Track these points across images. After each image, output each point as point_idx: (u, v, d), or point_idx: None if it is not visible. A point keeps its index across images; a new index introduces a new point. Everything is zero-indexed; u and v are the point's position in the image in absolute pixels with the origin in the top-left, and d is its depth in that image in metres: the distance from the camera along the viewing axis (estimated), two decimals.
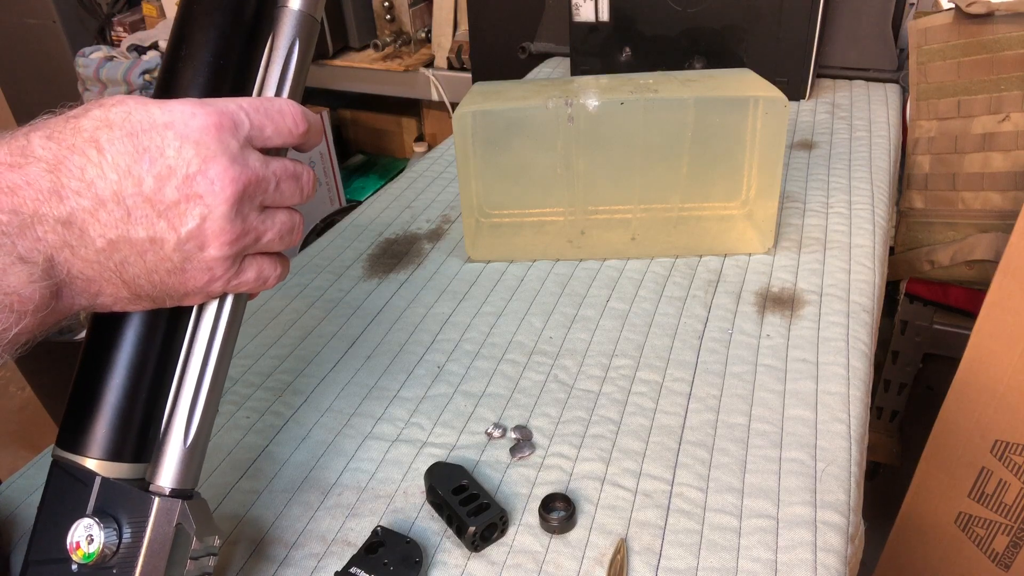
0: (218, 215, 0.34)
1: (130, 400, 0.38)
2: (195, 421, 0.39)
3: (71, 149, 0.32)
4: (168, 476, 0.38)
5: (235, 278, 0.38)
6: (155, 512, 0.37)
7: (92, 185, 0.32)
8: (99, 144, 0.32)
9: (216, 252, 0.35)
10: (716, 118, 0.74)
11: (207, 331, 0.39)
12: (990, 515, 0.96)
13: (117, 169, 0.32)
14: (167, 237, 0.34)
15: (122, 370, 0.38)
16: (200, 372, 0.39)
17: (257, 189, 0.36)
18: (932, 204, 1.15)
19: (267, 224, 0.37)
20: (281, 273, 0.40)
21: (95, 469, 0.37)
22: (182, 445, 0.39)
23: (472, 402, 0.64)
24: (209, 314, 0.39)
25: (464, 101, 0.75)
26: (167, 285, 0.36)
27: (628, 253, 0.82)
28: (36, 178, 0.31)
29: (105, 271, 0.34)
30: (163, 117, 0.33)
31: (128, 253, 0.34)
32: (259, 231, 0.37)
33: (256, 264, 0.38)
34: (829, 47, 1.21)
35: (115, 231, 0.33)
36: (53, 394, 1.51)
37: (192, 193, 0.33)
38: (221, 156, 0.34)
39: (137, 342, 0.38)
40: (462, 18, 1.75)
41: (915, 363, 1.32)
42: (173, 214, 0.34)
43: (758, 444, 0.58)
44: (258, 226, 0.37)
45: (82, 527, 0.36)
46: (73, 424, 0.38)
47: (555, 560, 0.50)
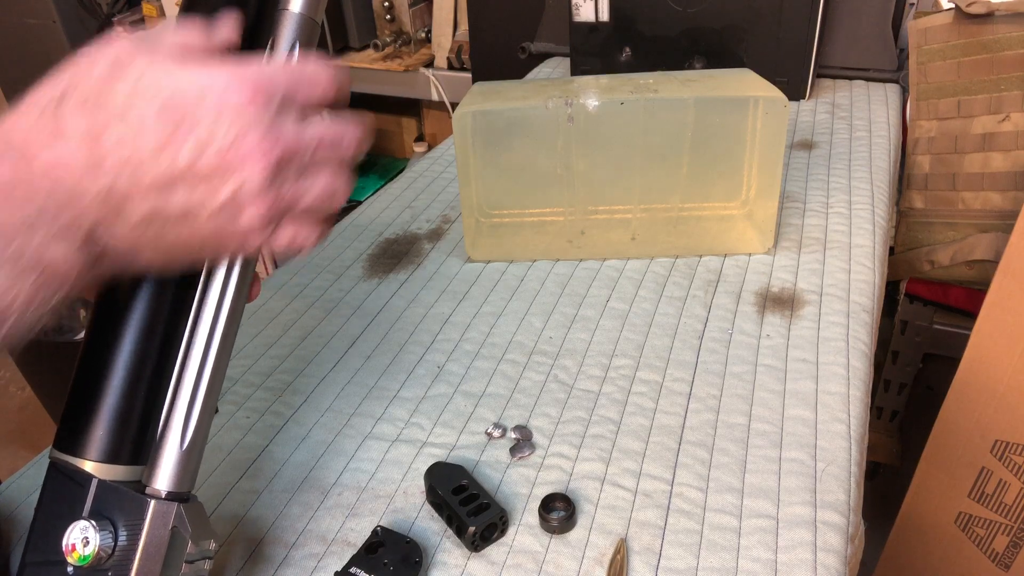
0: (253, 185, 0.34)
1: (127, 403, 0.38)
2: (192, 424, 0.39)
3: (108, 118, 0.32)
4: (164, 479, 0.38)
5: (268, 242, 0.38)
6: (151, 515, 0.37)
7: (130, 156, 0.32)
8: (134, 114, 0.32)
9: (250, 220, 0.35)
10: (716, 118, 0.74)
11: (204, 334, 0.39)
12: (990, 515, 0.96)
13: (155, 138, 0.32)
14: (202, 208, 0.34)
15: (119, 373, 0.38)
16: (197, 375, 0.39)
17: (293, 157, 0.36)
18: (932, 204, 1.15)
19: (304, 189, 0.37)
20: (318, 238, 0.40)
21: (91, 471, 0.37)
22: (179, 448, 0.38)
23: (472, 402, 0.64)
24: (206, 317, 0.39)
25: (464, 101, 0.75)
26: (204, 250, 0.36)
27: (628, 253, 0.82)
28: (73, 151, 0.31)
29: (142, 241, 0.34)
30: (199, 82, 0.33)
31: (164, 224, 0.34)
32: (295, 197, 0.37)
33: (292, 228, 0.38)
34: (829, 47, 1.21)
35: (151, 203, 0.33)
36: (53, 394, 1.51)
37: (227, 164, 0.33)
38: (256, 126, 0.34)
39: (134, 345, 0.38)
40: (462, 18, 1.75)
41: (915, 363, 1.32)
42: (208, 185, 0.33)
43: (758, 444, 0.58)
44: (295, 192, 0.36)
45: (78, 529, 0.36)
46: (70, 426, 0.38)
47: (555, 560, 0.50)
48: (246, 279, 0.40)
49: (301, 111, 0.36)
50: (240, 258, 0.40)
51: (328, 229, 0.41)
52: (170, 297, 0.39)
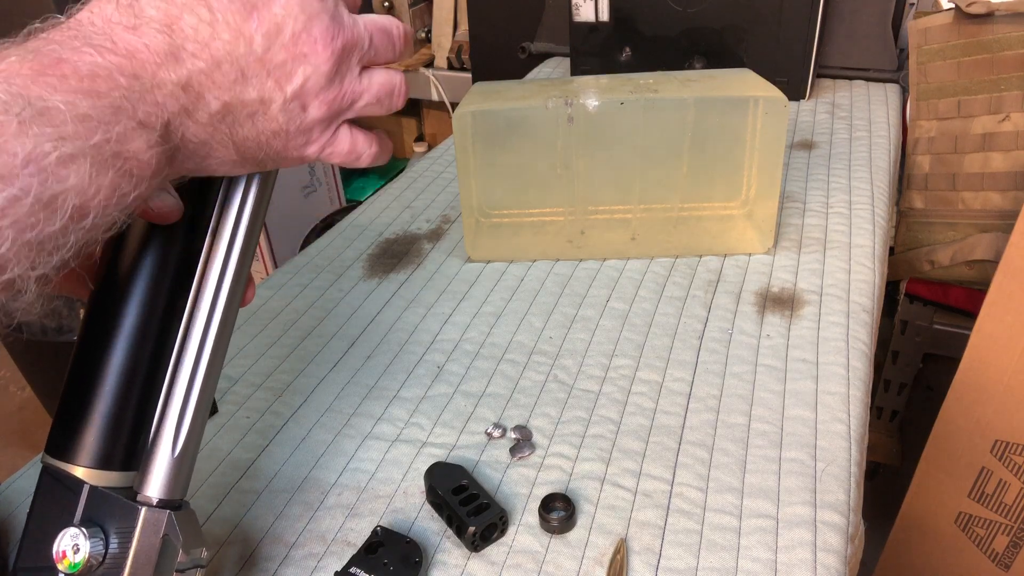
0: (321, 74, 0.35)
1: (119, 408, 0.37)
2: (183, 431, 0.38)
3: (182, 7, 0.32)
4: (156, 486, 0.38)
5: (329, 144, 0.38)
6: (142, 523, 0.36)
7: (207, 46, 0.32)
8: (208, 2, 0.32)
9: (316, 113, 0.36)
10: (716, 118, 0.74)
11: (197, 340, 0.39)
12: (990, 515, 0.96)
13: (229, 28, 0.32)
14: (275, 96, 0.34)
15: (111, 378, 0.37)
16: (189, 382, 0.39)
17: (355, 47, 0.36)
18: (932, 204, 1.15)
19: (364, 85, 0.37)
20: (377, 152, 0.40)
21: (83, 477, 0.37)
22: (170, 455, 0.38)
23: (472, 402, 0.64)
24: (199, 322, 0.39)
25: (464, 101, 0.75)
26: (271, 147, 0.36)
27: (628, 253, 0.82)
28: (153, 40, 0.31)
29: (217, 134, 0.34)
30: None
31: (240, 115, 0.34)
32: (356, 92, 0.37)
33: (351, 135, 0.38)
34: (829, 47, 1.21)
35: (229, 93, 0.33)
36: (53, 394, 1.50)
37: (298, 52, 0.34)
38: (323, 14, 0.34)
39: (127, 350, 0.38)
40: (462, 18, 1.75)
41: (915, 363, 1.32)
42: (280, 73, 0.34)
43: (758, 444, 0.58)
44: (355, 87, 0.37)
45: (68, 536, 0.36)
46: (62, 431, 0.38)
47: (555, 560, 0.50)
48: (240, 283, 0.40)
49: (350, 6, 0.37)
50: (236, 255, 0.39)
51: (388, 147, 0.41)
52: (163, 302, 0.38)
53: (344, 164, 0.40)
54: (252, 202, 0.39)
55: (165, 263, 0.38)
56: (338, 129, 0.38)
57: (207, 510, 0.55)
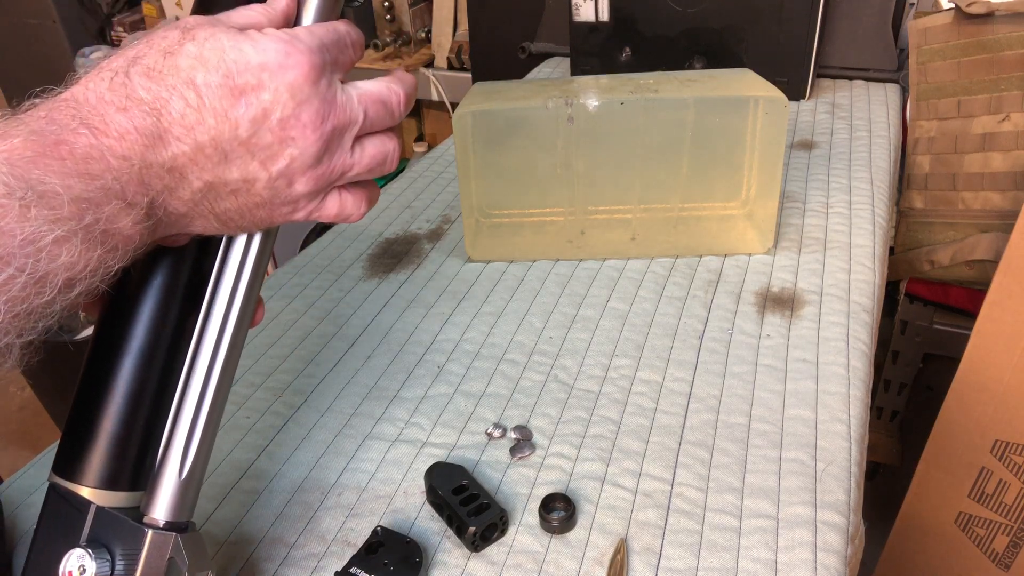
0: (308, 155, 0.35)
1: (127, 429, 0.37)
2: (191, 453, 0.38)
3: (171, 90, 0.32)
4: (162, 509, 0.38)
5: (317, 210, 0.38)
6: (148, 545, 0.36)
7: (192, 131, 0.33)
8: (196, 86, 0.33)
9: (303, 188, 0.36)
10: (716, 118, 0.74)
11: (205, 362, 0.39)
12: (990, 515, 0.96)
13: (215, 114, 0.33)
14: (259, 176, 0.35)
15: (119, 398, 0.37)
16: (197, 404, 0.38)
17: (347, 127, 0.37)
18: (932, 204, 1.15)
19: (355, 158, 0.38)
20: (366, 210, 0.41)
21: (90, 498, 0.37)
22: (177, 477, 0.38)
23: (472, 402, 0.64)
24: (208, 344, 0.39)
25: (464, 101, 0.75)
26: (255, 217, 0.37)
27: (628, 253, 0.81)
28: (141, 123, 0.32)
29: (199, 208, 0.35)
30: (257, 57, 0.33)
31: (222, 192, 0.35)
32: (347, 166, 0.37)
33: (339, 198, 0.39)
34: (829, 47, 1.21)
35: (211, 174, 0.34)
36: (53, 394, 1.51)
37: (285, 136, 0.34)
38: (314, 99, 0.35)
39: (135, 370, 0.38)
40: (462, 18, 1.75)
41: (915, 363, 1.32)
42: (266, 155, 0.34)
43: (758, 444, 0.58)
44: (346, 160, 0.37)
45: (75, 557, 0.36)
46: (69, 451, 0.37)
47: (555, 560, 0.50)
48: (249, 305, 0.40)
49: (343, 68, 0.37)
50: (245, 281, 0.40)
51: (375, 198, 0.42)
52: (172, 323, 0.38)
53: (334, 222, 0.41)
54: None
55: (175, 284, 0.38)
56: (327, 196, 0.38)
57: (207, 510, 0.55)
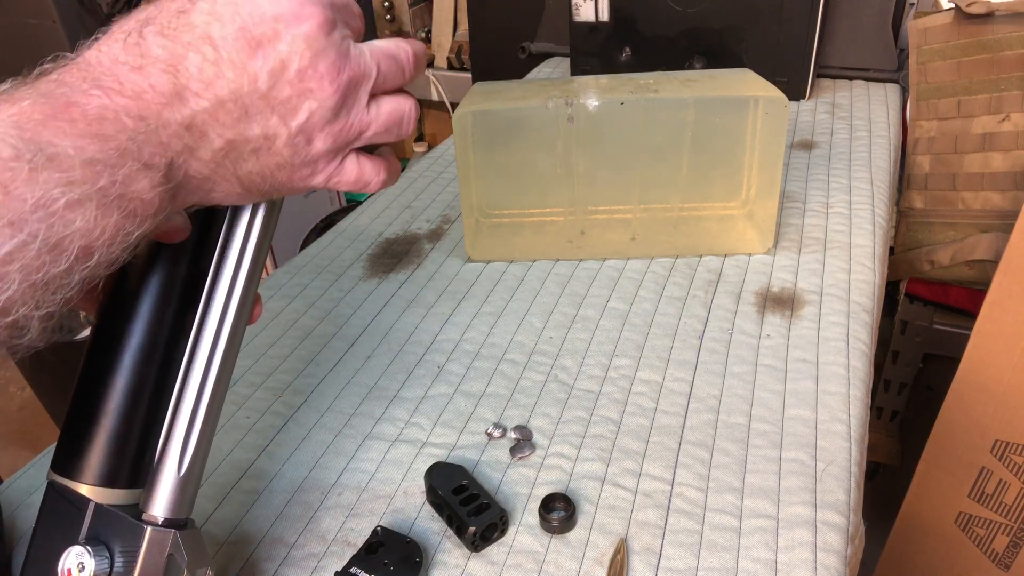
0: (327, 108, 0.35)
1: (125, 426, 0.37)
2: (189, 450, 0.38)
3: (187, 47, 0.32)
4: (161, 506, 0.38)
5: (336, 174, 0.38)
6: (147, 542, 0.36)
7: (211, 85, 0.32)
8: (213, 40, 0.32)
9: (321, 145, 0.36)
10: (716, 118, 0.74)
11: (203, 358, 0.39)
12: (990, 515, 0.96)
13: (234, 67, 0.32)
14: (279, 132, 0.34)
15: (117, 395, 0.37)
16: (195, 400, 0.38)
17: (362, 79, 0.36)
18: (932, 204, 1.15)
19: (372, 115, 0.37)
20: (386, 178, 0.40)
21: (88, 495, 0.37)
22: (176, 474, 0.38)
23: (472, 402, 0.64)
24: (206, 341, 0.39)
25: (464, 101, 0.75)
26: (276, 179, 0.36)
27: (628, 253, 0.81)
28: (158, 80, 0.31)
29: (221, 169, 0.34)
30: (272, 9, 0.33)
31: (243, 151, 0.34)
32: (363, 123, 0.37)
33: (358, 163, 0.38)
34: (829, 47, 1.21)
35: (232, 130, 0.33)
36: (53, 394, 1.51)
37: (304, 88, 0.34)
38: (329, 50, 0.34)
39: (133, 367, 0.37)
40: (462, 18, 1.76)
41: (915, 363, 1.32)
42: (285, 109, 0.34)
43: (758, 444, 0.58)
44: (363, 118, 0.37)
45: (73, 554, 0.36)
46: (67, 448, 0.37)
47: (555, 560, 0.50)
48: (248, 301, 0.40)
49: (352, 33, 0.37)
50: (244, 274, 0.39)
51: (395, 170, 0.41)
52: (170, 320, 0.38)
53: (352, 191, 0.40)
54: (261, 220, 0.39)
55: (173, 281, 0.38)
56: (345, 158, 0.38)
57: (207, 510, 0.55)
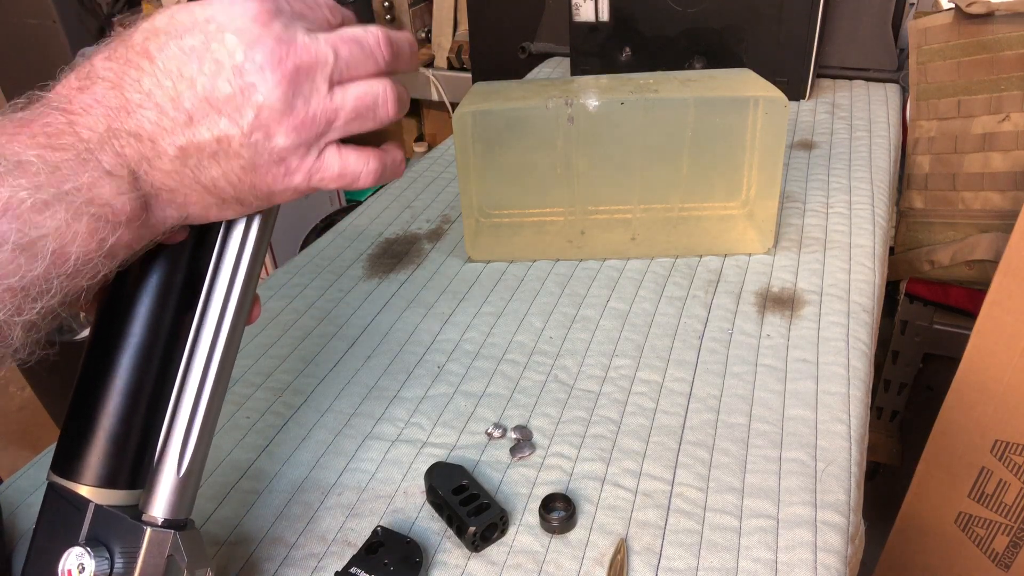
0: (275, 99, 0.33)
1: (124, 427, 0.37)
2: (189, 450, 0.38)
3: (127, 64, 0.33)
4: (161, 506, 0.38)
5: (316, 171, 0.36)
6: (147, 543, 0.36)
7: (151, 95, 0.33)
8: (149, 53, 0.33)
9: (284, 140, 0.34)
10: (716, 118, 0.74)
11: (202, 359, 0.39)
12: (990, 515, 0.96)
13: (169, 74, 0.33)
14: (231, 133, 0.34)
15: (117, 396, 0.37)
16: (194, 401, 0.38)
17: (313, 67, 0.34)
18: (932, 204, 1.15)
19: (337, 102, 0.35)
20: (378, 169, 0.38)
21: (88, 496, 0.37)
22: (175, 475, 0.38)
23: (472, 402, 0.64)
24: (204, 341, 0.39)
25: (464, 101, 0.75)
26: (246, 184, 0.35)
27: (628, 253, 0.81)
28: (104, 96, 0.32)
29: (184, 179, 0.34)
30: (204, 13, 0.33)
31: (200, 157, 0.34)
32: (329, 111, 0.35)
33: (339, 157, 0.37)
34: (829, 47, 1.21)
35: (182, 137, 0.33)
36: (53, 394, 1.51)
37: (245, 84, 0.33)
38: (267, 39, 0.33)
39: (133, 368, 0.38)
40: (462, 18, 1.76)
41: (915, 363, 1.32)
42: (231, 108, 0.33)
43: (758, 444, 0.58)
44: (327, 106, 0.35)
45: (73, 555, 0.36)
46: (67, 449, 0.37)
47: (555, 560, 0.50)
48: (246, 301, 0.40)
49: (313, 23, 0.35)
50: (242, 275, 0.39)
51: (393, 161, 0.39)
52: (169, 320, 0.38)
53: (343, 188, 0.38)
54: (259, 220, 0.39)
55: (171, 282, 0.38)
56: (323, 153, 0.36)
57: (207, 510, 0.55)
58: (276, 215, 0.41)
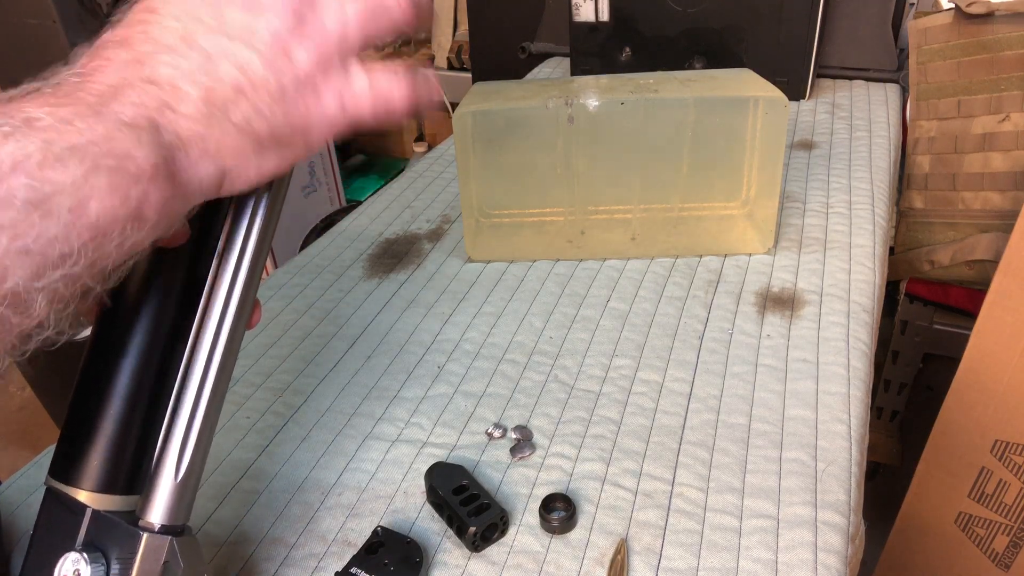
0: (288, 13, 0.33)
1: (123, 431, 0.37)
2: (187, 456, 0.38)
3: (131, 23, 0.33)
4: (158, 512, 0.37)
5: (348, 91, 0.35)
6: (143, 549, 0.36)
7: (160, 40, 0.32)
8: (153, 7, 0.33)
9: (304, 55, 0.34)
10: (716, 118, 0.74)
11: (201, 364, 0.38)
12: (990, 515, 0.96)
13: (177, 17, 0.32)
14: (251, 59, 0.33)
15: (115, 401, 0.37)
16: (193, 406, 0.38)
17: None
18: (932, 204, 1.15)
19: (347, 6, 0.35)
20: (407, 84, 0.37)
21: (86, 501, 0.36)
22: (173, 480, 0.38)
23: (472, 402, 0.64)
24: (204, 346, 0.38)
25: (464, 101, 0.75)
26: (279, 116, 0.34)
27: (628, 253, 0.82)
28: (113, 55, 0.32)
29: (213, 121, 0.33)
30: None
31: (227, 93, 0.33)
32: (340, 17, 0.35)
33: (365, 73, 0.36)
34: (829, 47, 1.21)
35: (204, 75, 0.32)
36: (53, 394, 1.51)
37: (253, 4, 0.33)
38: None
39: (131, 372, 0.37)
40: (462, 18, 1.76)
41: (915, 363, 1.32)
42: (245, 34, 0.33)
43: (758, 444, 0.58)
44: (336, 11, 0.35)
45: (70, 561, 0.35)
46: (65, 454, 0.37)
47: (555, 560, 0.50)
48: (247, 305, 0.39)
49: None
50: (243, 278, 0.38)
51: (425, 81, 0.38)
52: (168, 325, 0.38)
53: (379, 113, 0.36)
54: (259, 224, 0.39)
55: (171, 285, 0.38)
56: (348, 71, 0.35)
57: (208, 510, 0.55)
58: (277, 220, 0.40)
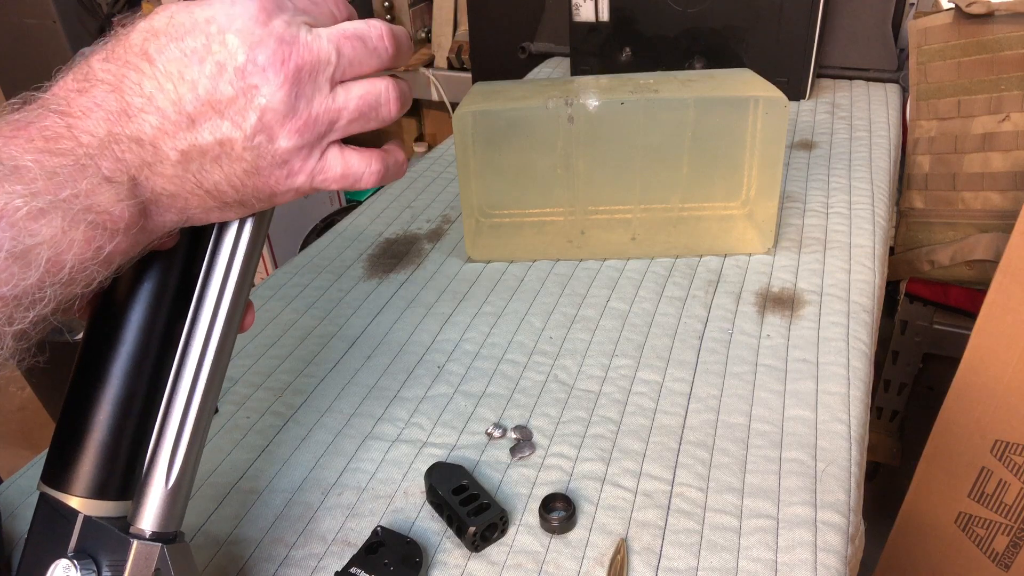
0: (278, 101, 0.33)
1: (114, 438, 0.37)
2: (177, 463, 0.38)
3: (126, 66, 0.32)
4: (149, 519, 0.37)
5: (319, 172, 0.36)
6: (133, 556, 0.36)
7: (152, 99, 0.32)
8: (149, 56, 0.32)
9: (287, 143, 0.34)
10: (716, 118, 0.74)
11: (191, 370, 0.38)
12: (990, 515, 0.96)
13: (171, 77, 0.32)
14: (234, 136, 0.33)
15: (107, 407, 0.37)
16: (183, 412, 0.38)
17: (316, 66, 0.34)
18: (932, 204, 1.15)
19: (340, 103, 0.35)
20: (380, 170, 0.37)
21: (77, 507, 0.36)
22: (164, 487, 0.38)
23: (472, 402, 0.64)
24: (193, 354, 0.38)
25: (464, 101, 0.75)
26: (248, 187, 0.35)
27: (628, 253, 0.81)
28: (103, 100, 0.32)
29: (186, 184, 0.34)
30: (204, 13, 0.33)
31: (202, 161, 0.33)
32: (332, 112, 0.35)
33: (342, 157, 0.36)
34: (829, 47, 1.21)
35: (184, 141, 0.33)
36: (53, 394, 1.51)
37: (247, 85, 0.33)
38: (269, 40, 0.33)
39: (123, 378, 0.37)
40: (462, 18, 1.76)
41: (915, 363, 1.32)
42: (233, 111, 0.33)
43: (758, 444, 0.58)
44: (330, 106, 0.35)
45: (60, 568, 0.35)
46: (57, 460, 0.37)
47: (555, 560, 0.50)
48: (237, 310, 0.39)
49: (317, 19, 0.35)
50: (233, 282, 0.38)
51: (395, 162, 0.39)
52: (160, 329, 0.38)
53: (345, 188, 0.38)
54: (251, 226, 0.39)
55: (162, 289, 0.38)
56: (325, 153, 0.36)
57: (207, 510, 0.55)
58: (268, 224, 0.40)
